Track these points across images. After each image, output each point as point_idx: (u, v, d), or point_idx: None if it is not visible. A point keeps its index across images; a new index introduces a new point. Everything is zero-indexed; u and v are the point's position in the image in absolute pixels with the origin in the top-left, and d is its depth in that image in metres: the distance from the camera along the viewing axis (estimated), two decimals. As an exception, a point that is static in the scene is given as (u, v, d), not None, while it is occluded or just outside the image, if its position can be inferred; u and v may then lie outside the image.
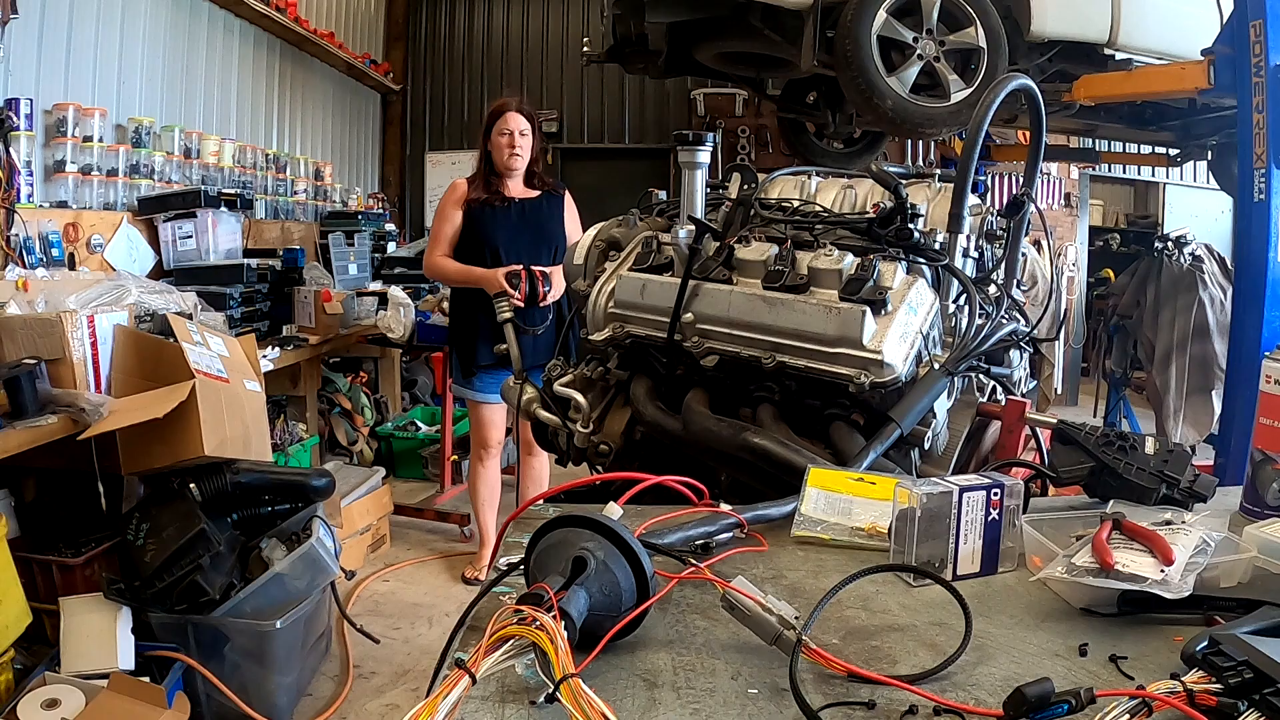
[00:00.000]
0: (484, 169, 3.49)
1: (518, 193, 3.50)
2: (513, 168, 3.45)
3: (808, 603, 0.93)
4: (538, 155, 3.55)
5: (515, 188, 3.50)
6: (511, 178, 3.49)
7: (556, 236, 3.49)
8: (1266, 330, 2.89)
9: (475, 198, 3.44)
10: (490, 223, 3.43)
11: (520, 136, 3.43)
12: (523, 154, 3.46)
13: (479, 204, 3.43)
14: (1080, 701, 0.69)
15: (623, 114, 7.69)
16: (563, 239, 3.48)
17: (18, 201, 3.24)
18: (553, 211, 3.53)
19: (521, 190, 3.52)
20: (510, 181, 3.49)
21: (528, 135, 3.45)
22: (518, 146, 3.43)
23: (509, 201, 3.46)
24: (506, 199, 3.45)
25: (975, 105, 1.71)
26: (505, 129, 3.43)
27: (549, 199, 3.55)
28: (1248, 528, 1.01)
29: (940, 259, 1.68)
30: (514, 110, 3.45)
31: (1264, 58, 2.85)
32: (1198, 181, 8.05)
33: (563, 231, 3.52)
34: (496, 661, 0.72)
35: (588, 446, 1.97)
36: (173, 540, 2.38)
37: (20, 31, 3.35)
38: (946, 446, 1.67)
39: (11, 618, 2.17)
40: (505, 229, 3.42)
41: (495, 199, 3.44)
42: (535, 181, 3.55)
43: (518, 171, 3.49)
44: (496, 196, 3.44)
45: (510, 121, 3.45)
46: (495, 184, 3.46)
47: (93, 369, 2.52)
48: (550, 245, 3.46)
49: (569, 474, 2.22)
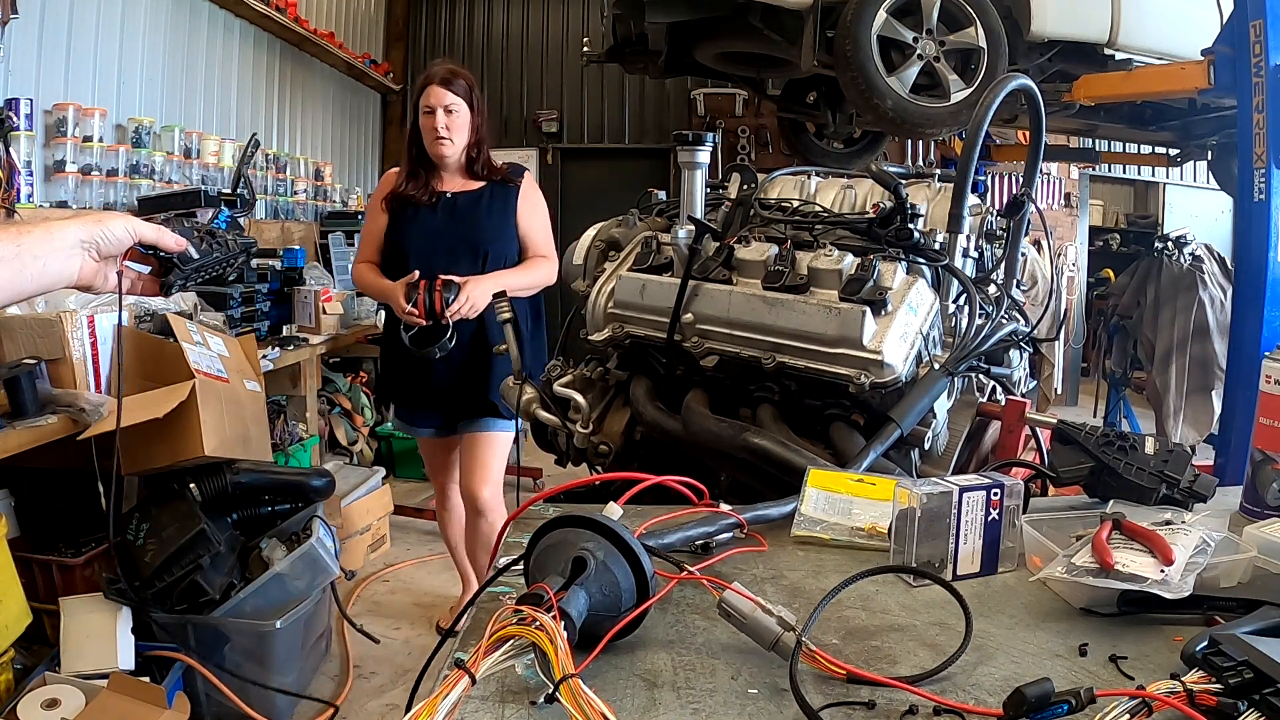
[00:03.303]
0: (410, 157, 2.77)
1: (454, 186, 2.78)
2: (442, 155, 2.71)
3: (808, 603, 0.93)
4: (482, 138, 2.78)
5: (451, 180, 2.79)
6: (445, 168, 2.77)
7: (493, 237, 2.76)
8: (1266, 330, 2.89)
9: (397, 193, 2.77)
10: (407, 225, 2.75)
11: (449, 115, 2.67)
12: (453, 137, 2.69)
13: (400, 201, 2.76)
14: (1080, 701, 0.69)
15: (623, 114, 7.68)
16: (507, 238, 2.78)
17: (18, 201, 3.24)
18: (494, 206, 2.77)
19: (460, 183, 2.79)
20: (444, 173, 2.78)
21: (460, 113, 2.69)
22: (446, 128, 2.67)
23: (437, 198, 2.75)
24: (435, 195, 2.75)
25: (975, 105, 1.71)
26: (429, 105, 2.67)
27: (495, 191, 2.78)
28: (1248, 528, 1.01)
29: (940, 259, 1.68)
30: (437, 83, 2.66)
31: (1264, 58, 2.85)
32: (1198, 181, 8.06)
33: (509, 228, 2.80)
34: (496, 661, 0.72)
35: (587, 447, 1.97)
36: (173, 540, 2.38)
37: (20, 31, 3.35)
38: (946, 446, 1.68)
39: (11, 618, 2.17)
40: (421, 232, 2.72)
41: (421, 194, 2.74)
42: (480, 170, 2.78)
43: (450, 160, 2.74)
44: (424, 191, 2.74)
45: (434, 96, 2.66)
46: (423, 176, 2.76)
47: (93, 369, 2.51)
48: (478, 248, 2.72)
49: (569, 474, 2.22)
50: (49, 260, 1.03)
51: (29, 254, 1.00)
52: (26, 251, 1.00)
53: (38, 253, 1.01)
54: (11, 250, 0.99)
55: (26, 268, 1.00)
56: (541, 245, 2.84)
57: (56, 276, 1.05)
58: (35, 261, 1.01)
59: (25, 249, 1.00)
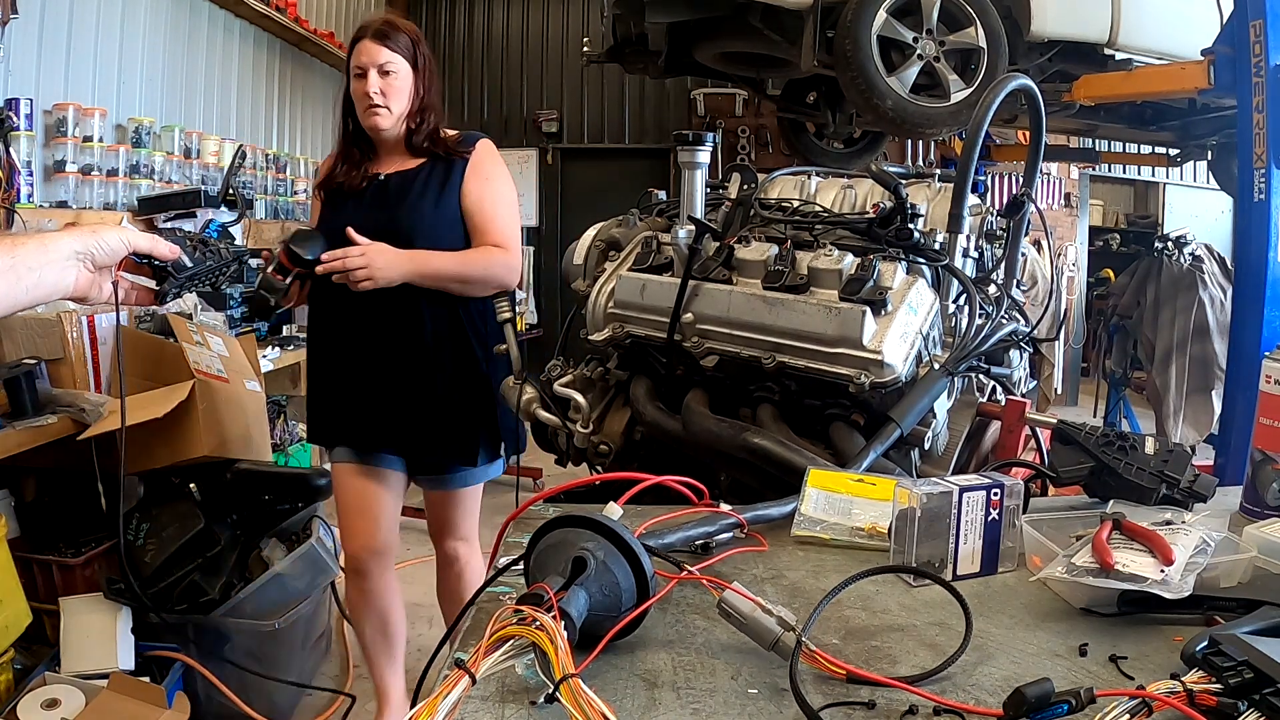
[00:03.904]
0: (344, 135, 2.21)
1: (391, 166, 2.18)
2: (377, 127, 2.12)
3: (808, 603, 0.93)
4: (428, 105, 2.16)
5: (388, 159, 2.19)
6: (383, 144, 2.18)
7: (421, 223, 2.12)
8: (1266, 330, 2.89)
9: (329, 180, 2.21)
10: (331, 219, 2.16)
11: (384, 77, 2.08)
12: (389, 105, 2.10)
13: (331, 190, 2.21)
14: (1080, 701, 0.69)
15: (623, 114, 7.69)
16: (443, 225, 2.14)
17: (18, 201, 3.24)
18: (430, 186, 2.15)
19: (400, 161, 2.18)
20: (382, 151, 2.20)
21: (399, 74, 2.10)
22: (380, 93, 2.08)
23: (370, 181, 2.16)
24: (368, 178, 2.16)
25: (975, 105, 1.71)
26: (360, 66, 2.09)
27: (436, 167, 2.17)
28: (1248, 528, 1.01)
29: (940, 259, 1.68)
30: (370, 38, 2.09)
31: (1264, 58, 2.85)
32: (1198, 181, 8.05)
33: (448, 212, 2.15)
34: (496, 661, 0.72)
35: (587, 447, 1.97)
36: (173, 540, 2.38)
37: (20, 31, 3.35)
38: (946, 446, 1.68)
39: (11, 618, 2.17)
40: (341, 226, 2.05)
41: (354, 178, 2.16)
42: (424, 144, 2.17)
43: (388, 134, 2.14)
44: (357, 175, 2.16)
45: (366, 53, 2.08)
46: (358, 156, 2.19)
47: (93, 369, 2.52)
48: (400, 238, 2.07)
49: (569, 474, 2.22)
50: (44, 272, 1.03)
51: (24, 266, 1.01)
52: (21, 263, 1.00)
53: (33, 264, 1.02)
54: (6, 262, 0.99)
55: (22, 279, 1.00)
56: (495, 231, 2.16)
57: (52, 288, 1.05)
58: (30, 273, 1.01)
59: (20, 261, 1.00)
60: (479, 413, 2.21)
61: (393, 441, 2.21)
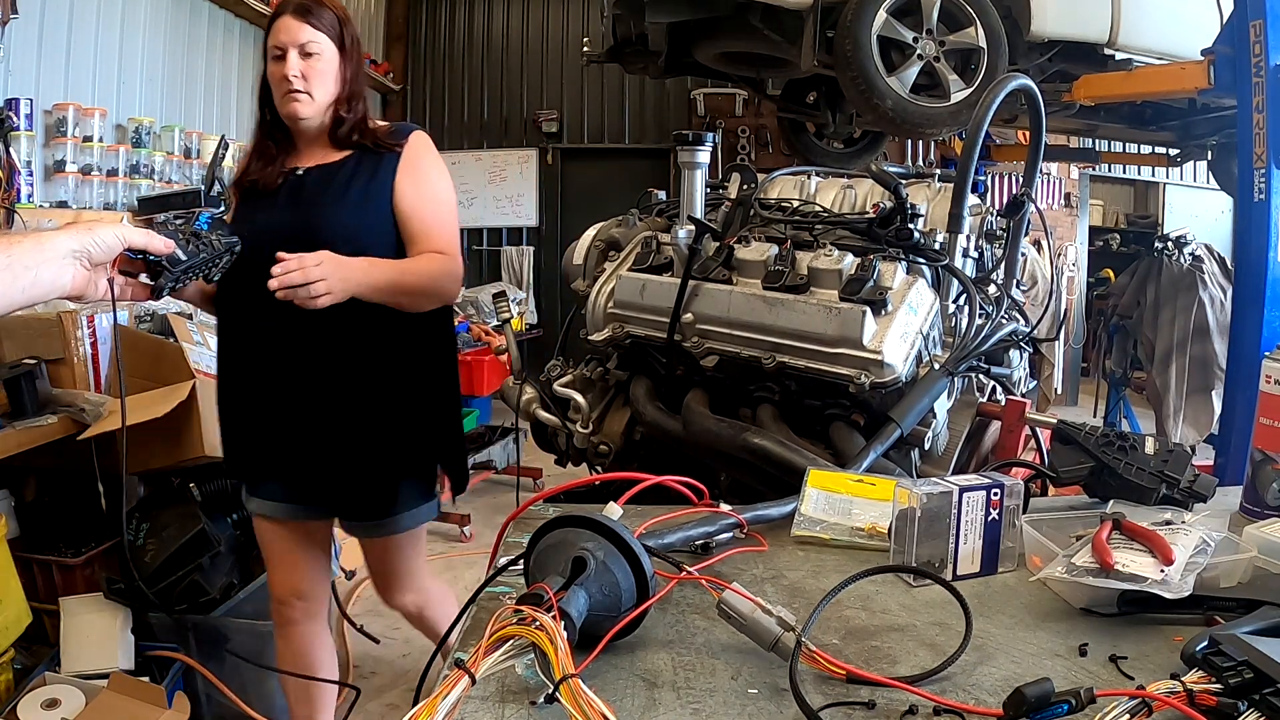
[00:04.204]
0: (261, 125, 1.90)
1: (313, 160, 1.86)
2: (296, 115, 1.80)
3: (808, 603, 0.93)
4: (356, 92, 1.88)
5: (309, 153, 1.87)
6: (303, 136, 1.87)
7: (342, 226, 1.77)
8: (1266, 330, 2.89)
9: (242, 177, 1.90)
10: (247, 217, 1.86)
11: (306, 59, 1.78)
12: (311, 91, 1.79)
13: (245, 189, 1.89)
14: (1080, 701, 0.69)
15: (623, 114, 7.69)
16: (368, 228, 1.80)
17: (18, 201, 3.24)
18: (355, 183, 1.82)
19: (322, 154, 1.86)
20: (301, 144, 1.88)
21: (323, 55, 1.80)
22: (301, 76, 1.78)
23: (285, 177, 1.85)
24: (284, 173, 1.85)
25: (975, 105, 1.71)
26: (278, 46, 1.79)
27: (362, 161, 1.85)
28: (1248, 528, 1.01)
29: (940, 259, 1.68)
30: (290, 14, 1.79)
31: (1264, 58, 2.85)
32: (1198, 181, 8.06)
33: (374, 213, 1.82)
34: (496, 661, 0.72)
35: (587, 447, 1.97)
36: (173, 540, 2.38)
37: (20, 31, 3.36)
38: (946, 446, 1.68)
39: (11, 618, 2.17)
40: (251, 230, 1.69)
41: (269, 174, 1.85)
42: (350, 135, 1.85)
43: (310, 124, 1.83)
44: (272, 170, 1.85)
45: (285, 32, 1.79)
46: (273, 150, 1.87)
47: (93, 369, 2.52)
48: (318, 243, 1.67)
49: (569, 474, 2.23)
50: (40, 270, 1.03)
51: (20, 264, 1.01)
52: (18, 262, 1.00)
53: (29, 263, 1.02)
54: (3, 261, 0.99)
55: (18, 279, 1.00)
56: (436, 237, 1.85)
57: (49, 287, 1.05)
58: (27, 272, 1.01)
59: (16, 260, 1.00)
60: (412, 447, 1.89)
61: (312, 485, 1.90)
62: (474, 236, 7.75)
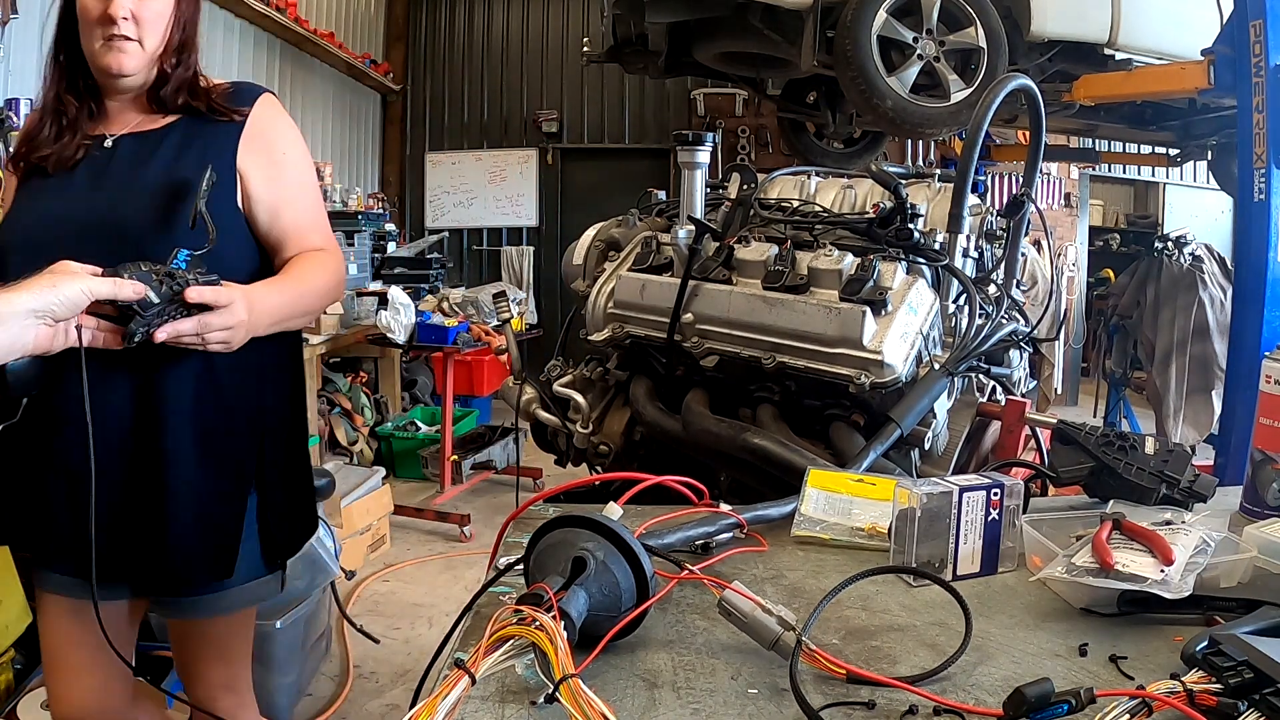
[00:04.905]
0: (54, 78, 1.43)
1: (128, 124, 1.43)
2: (120, 70, 1.37)
3: (808, 603, 0.93)
4: (189, 39, 1.45)
5: (122, 117, 1.44)
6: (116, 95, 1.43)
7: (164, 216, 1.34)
8: (1266, 330, 2.89)
9: (27, 147, 1.42)
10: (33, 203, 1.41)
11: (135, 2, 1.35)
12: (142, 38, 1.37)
13: (33, 161, 1.41)
14: (1080, 701, 0.69)
15: (623, 114, 7.69)
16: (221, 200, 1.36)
17: (18, 201, 3.24)
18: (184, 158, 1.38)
19: (139, 118, 1.44)
20: (112, 104, 1.44)
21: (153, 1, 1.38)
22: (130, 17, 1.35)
23: (85, 149, 1.40)
24: (86, 142, 1.41)
25: (975, 105, 1.71)
26: None
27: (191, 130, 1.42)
28: (1248, 528, 1.01)
29: (940, 259, 1.68)
30: None
31: (1264, 58, 2.85)
32: (1198, 181, 8.05)
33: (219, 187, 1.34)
34: (496, 661, 0.72)
35: (587, 447, 1.97)
36: None
37: (20, 31, 3.36)
38: (946, 446, 1.68)
39: (11, 618, 2.17)
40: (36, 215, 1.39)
41: (68, 144, 1.39)
42: (178, 96, 1.43)
43: (132, 81, 1.40)
44: (72, 140, 1.40)
45: None
46: (72, 111, 1.41)
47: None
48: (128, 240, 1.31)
49: (569, 474, 2.23)
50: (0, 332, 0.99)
51: None
52: None
53: None
54: None
55: None
56: (310, 233, 1.49)
57: (7, 349, 1.02)
58: None
59: None
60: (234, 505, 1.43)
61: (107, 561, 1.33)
62: (474, 236, 7.76)
